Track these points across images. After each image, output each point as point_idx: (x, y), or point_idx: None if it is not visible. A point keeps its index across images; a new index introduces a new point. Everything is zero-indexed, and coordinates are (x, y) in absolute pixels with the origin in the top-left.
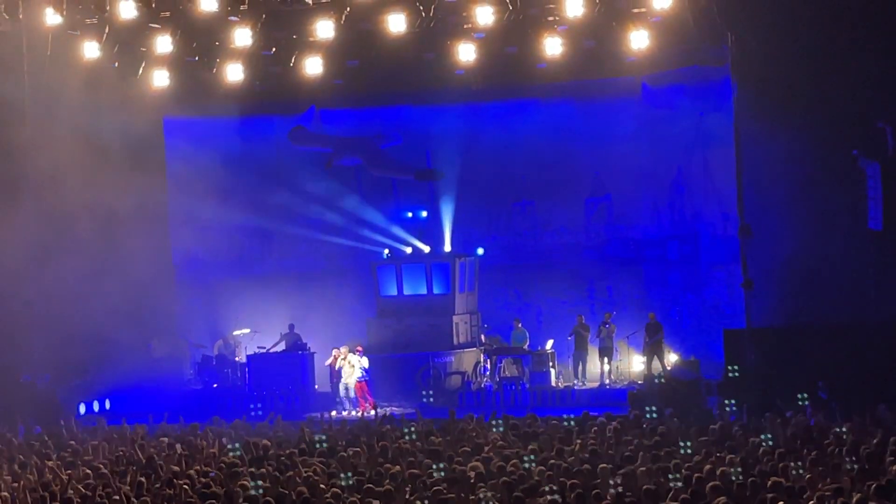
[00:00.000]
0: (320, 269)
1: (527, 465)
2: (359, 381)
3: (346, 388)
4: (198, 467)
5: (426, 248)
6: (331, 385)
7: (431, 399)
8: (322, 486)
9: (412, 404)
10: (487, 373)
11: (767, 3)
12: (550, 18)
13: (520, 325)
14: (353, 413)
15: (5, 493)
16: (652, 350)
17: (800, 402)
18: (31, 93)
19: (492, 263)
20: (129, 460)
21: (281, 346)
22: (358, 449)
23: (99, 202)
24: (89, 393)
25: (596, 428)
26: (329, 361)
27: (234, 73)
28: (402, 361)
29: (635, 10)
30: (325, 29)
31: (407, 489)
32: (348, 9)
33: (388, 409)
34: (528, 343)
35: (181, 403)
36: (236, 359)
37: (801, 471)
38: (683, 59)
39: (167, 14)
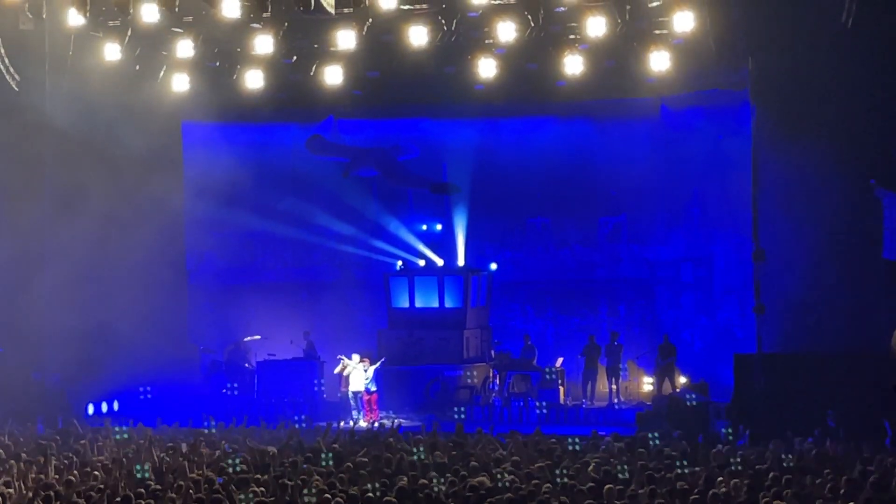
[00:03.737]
0: (333, 279)
1: (534, 482)
2: (368, 393)
3: (355, 396)
4: (203, 471)
5: (440, 262)
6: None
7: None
8: (327, 495)
9: (420, 416)
10: (496, 388)
11: (788, 28)
12: (572, 37)
13: (529, 342)
14: (362, 423)
15: (10, 491)
16: (664, 371)
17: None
18: (51, 92)
19: (504, 279)
20: (134, 462)
21: (300, 352)
22: (365, 459)
23: (115, 204)
24: (98, 394)
25: (603, 447)
26: (338, 370)
27: (254, 79)
28: (412, 374)
29: (657, 32)
30: (346, 39)
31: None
32: (370, 20)
33: (395, 420)
34: (536, 360)
35: (189, 408)
36: (246, 365)
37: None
38: (703, 81)
39: (189, 19)
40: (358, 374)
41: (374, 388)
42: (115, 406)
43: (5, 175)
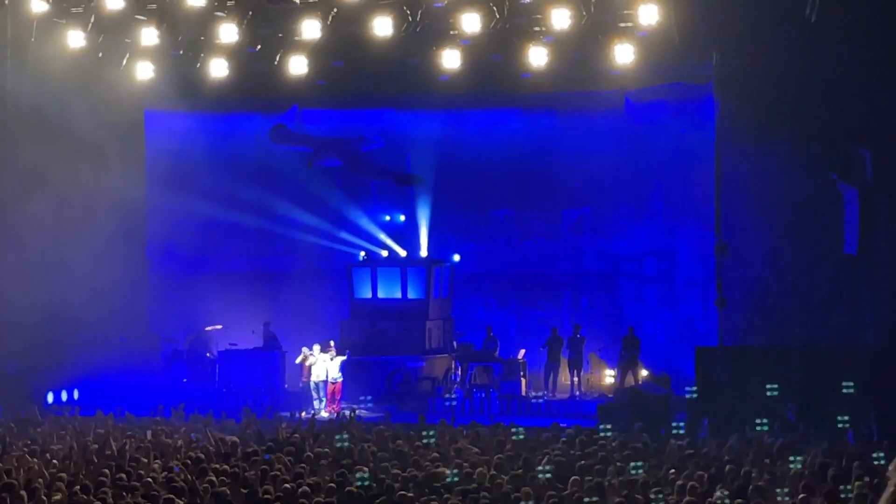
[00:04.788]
0: (296, 269)
1: (494, 474)
2: (332, 382)
3: (317, 387)
4: (163, 460)
5: (403, 253)
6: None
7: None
8: (288, 485)
9: (381, 407)
10: (458, 379)
11: (752, 23)
12: (536, 29)
13: (491, 334)
14: (323, 413)
15: None
16: (627, 364)
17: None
18: (12, 78)
19: (467, 271)
20: (95, 451)
21: (260, 343)
22: (326, 450)
23: (75, 191)
24: (58, 382)
25: (565, 439)
26: (299, 359)
27: (218, 68)
28: (374, 364)
29: (622, 25)
30: (311, 29)
31: (372, 492)
32: (335, 10)
33: (357, 410)
34: (498, 351)
35: (150, 397)
36: (208, 354)
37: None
38: (668, 75)
39: (153, 6)
40: (321, 364)
41: (340, 378)
42: (76, 394)
43: None
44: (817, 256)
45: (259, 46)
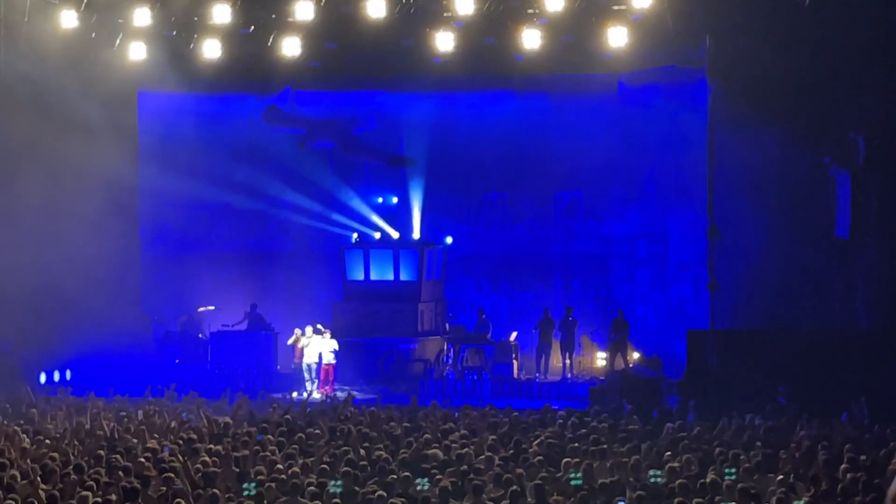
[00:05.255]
0: (288, 250)
1: (486, 455)
2: (326, 365)
3: (309, 368)
4: (156, 440)
5: (395, 235)
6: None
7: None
8: (280, 466)
9: (374, 389)
10: (450, 361)
11: (747, 7)
12: (530, 11)
13: (483, 316)
14: (316, 395)
15: None
16: (616, 347)
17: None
18: (5, 58)
19: (460, 253)
20: (87, 431)
21: (243, 325)
22: (318, 431)
23: (67, 171)
24: (50, 362)
25: (560, 422)
26: (291, 341)
27: (211, 49)
28: (366, 346)
29: (615, 8)
30: (304, 10)
31: (363, 474)
32: None
33: (349, 392)
34: (490, 334)
35: (142, 377)
36: (200, 335)
37: (755, 475)
38: (661, 58)
39: None
40: (313, 346)
41: (333, 360)
42: (68, 375)
43: None
44: (809, 240)
45: (252, 27)
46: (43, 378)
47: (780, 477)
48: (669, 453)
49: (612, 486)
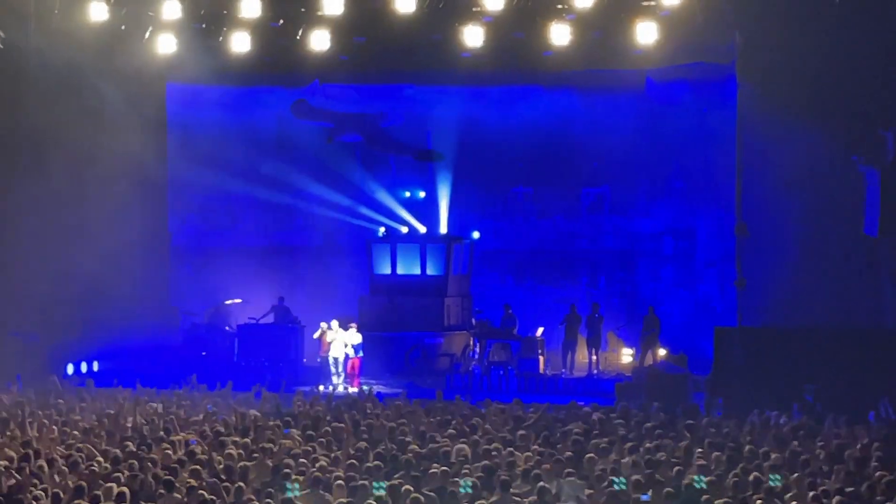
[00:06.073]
0: (315, 244)
1: (513, 450)
2: (351, 358)
3: (336, 362)
4: (182, 433)
5: (422, 229)
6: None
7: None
8: (306, 459)
9: (400, 383)
10: (476, 356)
11: (776, 4)
12: (559, 6)
13: (510, 311)
14: (342, 388)
15: None
16: (647, 343)
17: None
18: (37, 52)
19: (486, 248)
20: (114, 422)
21: (270, 318)
22: (343, 424)
23: (97, 162)
24: (78, 353)
25: (587, 418)
26: (317, 335)
27: (240, 42)
28: (392, 340)
29: (645, 3)
30: (333, 4)
31: (390, 468)
32: None
33: (374, 386)
34: (516, 329)
35: (169, 369)
36: (227, 328)
37: (782, 471)
38: (689, 54)
39: None
40: (339, 339)
41: (360, 354)
42: (95, 366)
43: None
44: (837, 237)
45: (281, 21)
46: (70, 369)
47: (809, 476)
48: (698, 450)
49: (639, 483)
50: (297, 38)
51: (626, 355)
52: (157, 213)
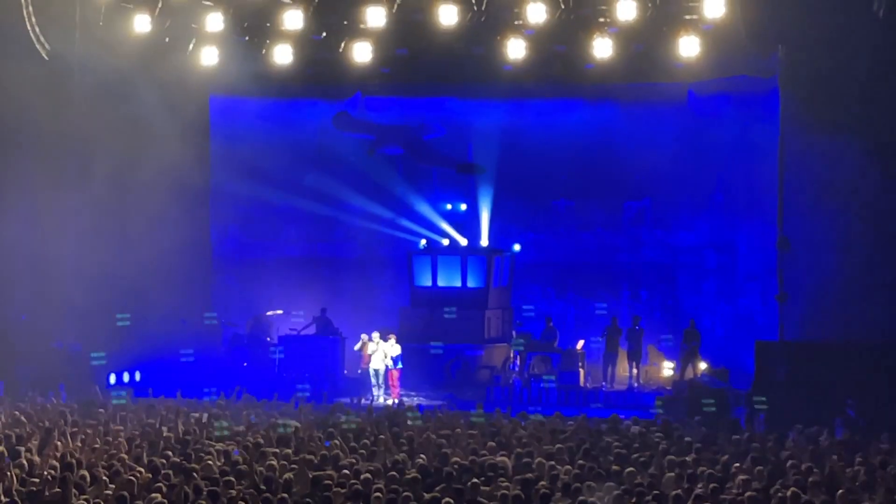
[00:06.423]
0: (356, 256)
1: (552, 464)
2: (391, 369)
3: (377, 374)
4: (224, 444)
5: (463, 241)
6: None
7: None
8: (348, 471)
9: (440, 395)
10: (516, 369)
11: (819, 17)
12: (602, 20)
13: (550, 324)
14: (381, 399)
15: (34, 458)
16: (687, 357)
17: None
18: (80, 62)
19: (527, 260)
20: (156, 432)
21: (311, 329)
22: (382, 436)
23: (140, 172)
24: (120, 363)
25: (627, 431)
26: (358, 346)
27: (282, 55)
28: (432, 352)
29: (687, 17)
30: (376, 16)
31: (431, 480)
32: None
33: (415, 399)
34: (557, 342)
35: (211, 380)
36: (268, 339)
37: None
38: (732, 68)
39: None
40: (380, 351)
41: (400, 365)
42: (137, 376)
43: (31, 142)
44: (882, 252)
45: (324, 33)
46: (112, 379)
47: (850, 493)
48: (738, 465)
49: (679, 498)
50: (340, 50)
51: (667, 368)
52: (199, 224)
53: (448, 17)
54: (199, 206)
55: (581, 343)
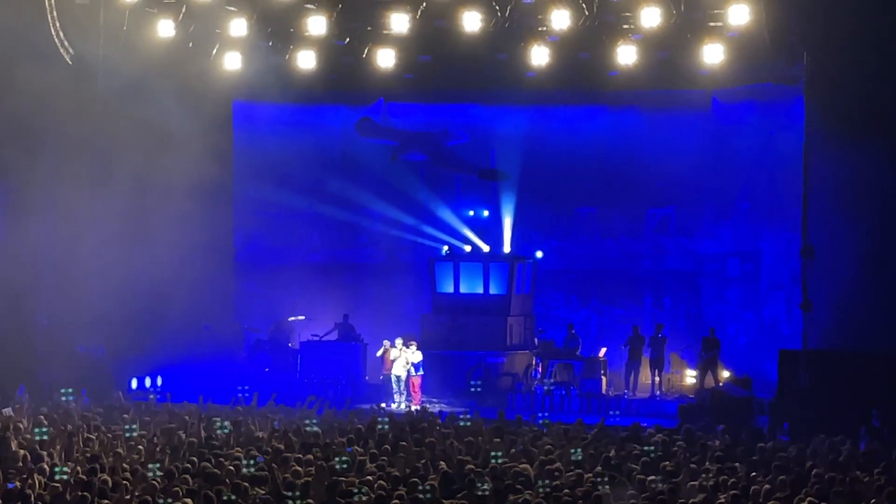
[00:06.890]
0: (378, 262)
1: (576, 471)
2: (412, 376)
3: (398, 380)
4: (246, 450)
5: (486, 248)
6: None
7: (479, 390)
8: (370, 477)
9: (461, 402)
10: (538, 376)
11: (845, 24)
12: (626, 27)
13: (573, 331)
14: (403, 406)
15: (56, 462)
16: (707, 365)
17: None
18: (104, 67)
19: (549, 267)
20: (179, 437)
21: (333, 335)
22: (404, 443)
23: (162, 177)
24: (142, 368)
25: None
26: (380, 353)
27: (306, 60)
28: (454, 359)
29: (711, 24)
30: (399, 22)
31: (453, 486)
32: (424, 4)
33: (437, 405)
34: (580, 349)
35: (232, 385)
36: (290, 345)
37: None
38: (756, 75)
39: None
40: (402, 357)
41: (421, 372)
42: (159, 381)
43: (54, 146)
44: None
45: (347, 39)
46: (135, 384)
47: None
48: (760, 474)
49: None
50: (363, 56)
51: (690, 377)
52: (222, 229)
53: (472, 23)
54: (221, 210)
55: (603, 351)
